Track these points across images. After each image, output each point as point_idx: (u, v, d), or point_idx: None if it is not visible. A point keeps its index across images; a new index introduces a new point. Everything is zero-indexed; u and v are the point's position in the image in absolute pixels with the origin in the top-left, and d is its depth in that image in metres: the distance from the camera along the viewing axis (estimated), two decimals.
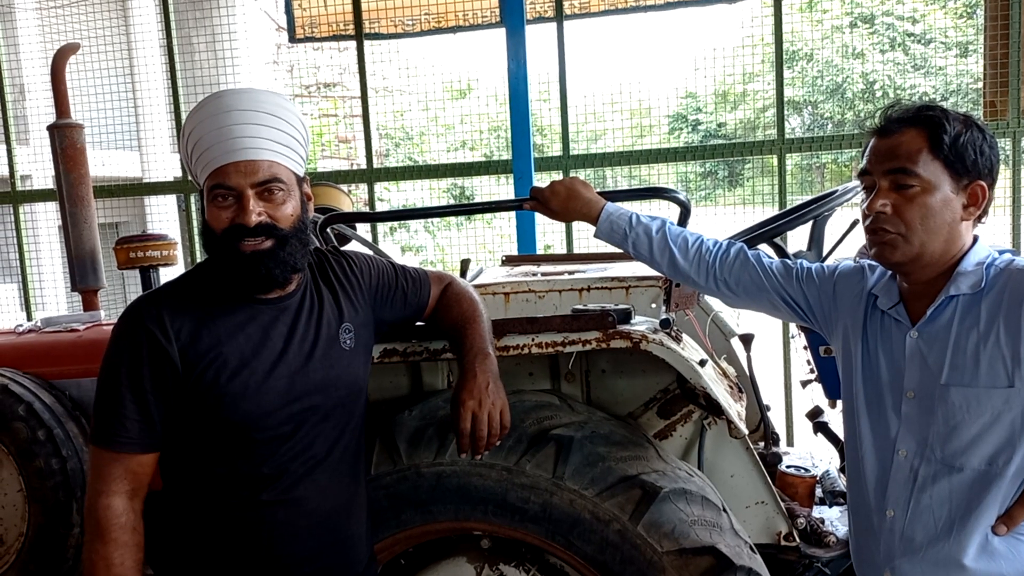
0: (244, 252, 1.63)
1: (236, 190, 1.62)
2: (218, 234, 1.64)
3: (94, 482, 1.64)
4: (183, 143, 1.70)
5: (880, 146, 1.63)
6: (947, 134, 1.56)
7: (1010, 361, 1.54)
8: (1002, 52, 4.36)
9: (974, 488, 1.60)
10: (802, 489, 2.49)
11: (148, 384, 1.62)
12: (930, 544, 1.64)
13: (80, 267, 3.49)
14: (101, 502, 1.61)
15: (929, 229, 1.59)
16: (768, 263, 1.96)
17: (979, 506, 1.59)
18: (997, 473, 1.57)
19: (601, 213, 2.09)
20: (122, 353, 1.63)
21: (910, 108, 1.63)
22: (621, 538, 1.97)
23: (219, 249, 1.65)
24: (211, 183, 1.63)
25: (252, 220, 1.62)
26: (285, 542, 1.71)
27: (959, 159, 1.57)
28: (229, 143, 1.61)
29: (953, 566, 1.62)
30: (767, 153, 4.80)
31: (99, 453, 1.64)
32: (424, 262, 10.23)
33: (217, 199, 1.63)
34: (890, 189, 1.61)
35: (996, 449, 1.57)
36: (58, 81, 3.48)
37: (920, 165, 1.57)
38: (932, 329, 1.64)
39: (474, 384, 1.78)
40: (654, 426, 2.33)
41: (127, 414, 1.61)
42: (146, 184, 7.20)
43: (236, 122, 1.61)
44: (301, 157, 1.73)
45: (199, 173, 1.68)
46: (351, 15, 5.06)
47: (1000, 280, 1.59)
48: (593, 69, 11.52)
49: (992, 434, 1.57)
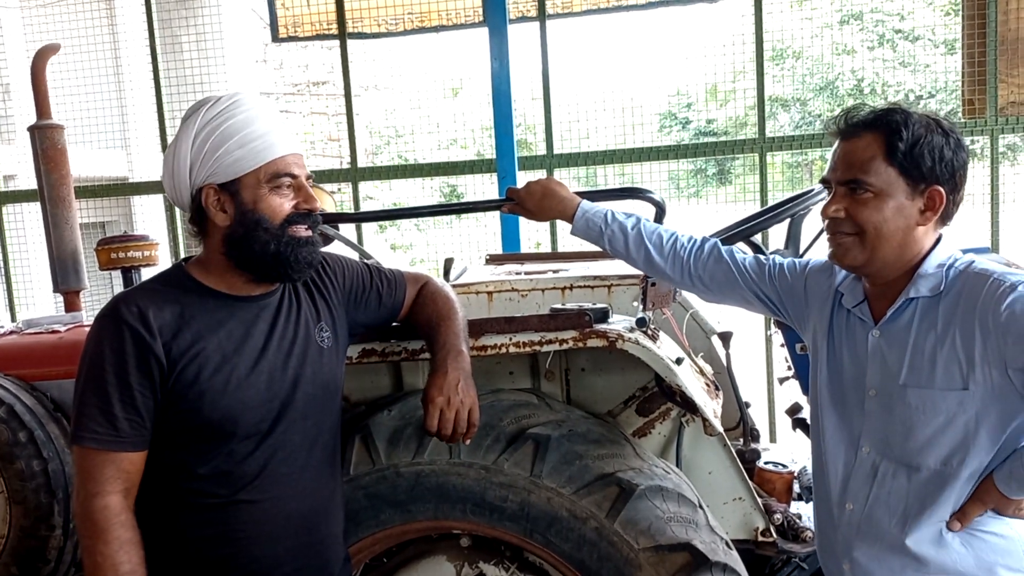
0: (301, 237, 1.71)
1: (299, 178, 1.72)
2: (279, 222, 1.70)
3: (85, 484, 1.60)
4: (193, 144, 1.68)
5: (839, 150, 1.66)
6: (903, 141, 1.57)
7: (965, 364, 1.55)
8: (980, 51, 4.39)
9: (929, 487, 1.62)
10: (780, 485, 2.52)
11: (135, 380, 1.60)
12: (883, 535, 1.67)
13: (62, 268, 3.48)
14: (97, 503, 1.59)
15: (881, 234, 1.61)
16: (741, 259, 1.98)
17: (933, 503, 1.62)
18: (951, 473, 1.60)
19: (576, 211, 2.11)
20: (106, 351, 1.61)
21: (871, 111, 1.64)
22: (598, 535, 1.99)
23: (278, 237, 1.69)
24: (272, 172, 1.68)
25: (317, 205, 1.74)
26: (262, 541, 1.72)
27: (915, 165, 1.58)
28: (282, 134, 1.71)
29: (905, 555, 1.64)
30: (749, 152, 4.84)
31: (88, 454, 1.60)
32: (413, 260, 10.22)
33: (280, 188, 1.70)
34: (844, 195, 1.63)
35: (950, 450, 1.59)
36: (39, 82, 3.46)
37: (872, 173, 1.59)
38: (892, 329, 1.66)
39: (444, 381, 1.80)
40: (633, 424, 2.34)
41: (116, 413, 1.59)
42: (131, 184, 7.18)
43: (277, 118, 1.74)
44: None
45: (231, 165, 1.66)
46: (334, 14, 5.06)
47: (958, 283, 1.60)
48: (582, 68, 11.53)
49: (946, 435, 1.59)
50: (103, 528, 1.58)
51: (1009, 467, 1.56)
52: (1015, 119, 4.43)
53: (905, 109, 1.62)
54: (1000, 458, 1.58)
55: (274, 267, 1.71)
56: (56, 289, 3.53)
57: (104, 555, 1.58)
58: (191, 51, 5.71)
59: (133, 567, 1.60)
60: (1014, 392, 1.52)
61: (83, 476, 1.62)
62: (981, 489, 1.59)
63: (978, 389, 1.55)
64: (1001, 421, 1.55)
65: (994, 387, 1.54)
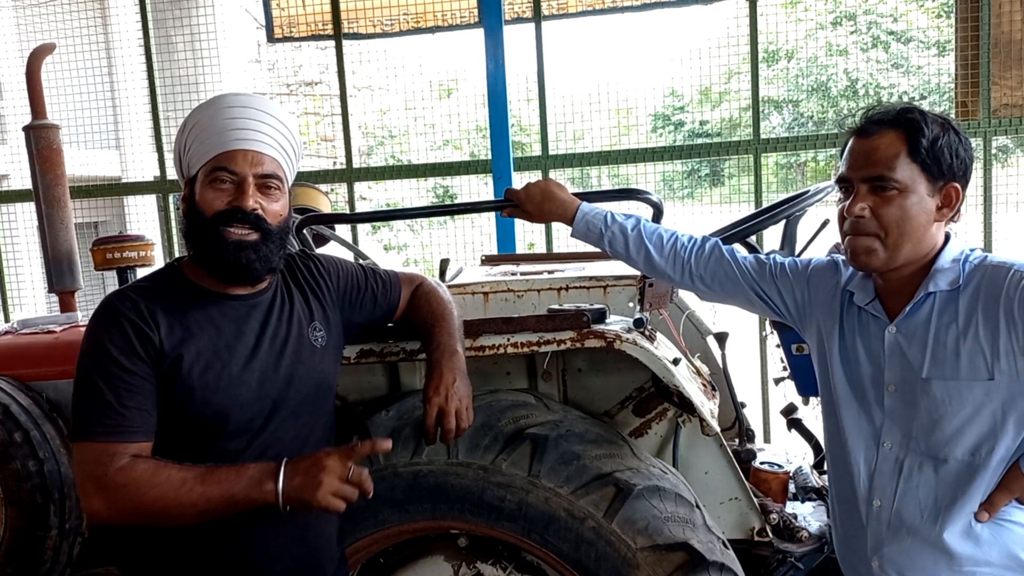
0: (230, 239, 1.65)
1: (239, 176, 1.66)
2: (208, 217, 1.66)
3: (93, 471, 1.53)
4: (183, 137, 1.72)
5: (859, 148, 1.66)
6: (925, 138, 1.59)
7: (989, 355, 1.58)
8: (973, 53, 4.42)
9: (959, 478, 1.63)
10: (775, 485, 2.53)
11: (139, 368, 1.59)
12: (916, 530, 1.68)
13: (57, 268, 3.46)
14: (113, 469, 1.52)
15: (905, 232, 1.62)
16: (742, 258, 1.99)
17: (963, 495, 1.63)
18: (980, 463, 1.61)
19: (576, 213, 2.11)
20: (108, 344, 1.60)
21: (890, 110, 1.65)
22: (596, 535, 1.99)
23: (205, 233, 1.66)
24: (212, 165, 1.66)
25: (249, 204, 1.66)
26: (255, 538, 1.72)
27: (936, 162, 1.60)
28: (239, 132, 1.67)
29: (939, 551, 1.65)
30: (743, 153, 4.86)
31: (92, 447, 1.55)
32: (407, 260, 10.22)
33: (216, 182, 1.66)
34: (868, 192, 1.63)
35: (978, 440, 1.61)
36: (34, 81, 3.45)
37: (898, 169, 1.60)
38: (911, 324, 1.67)
39: (440, 381, 1.82)
40: (630, 424, 2.35)
41: (124, 402, 1.57)
42: (125, 184, 7.16)
43: (248, 116, 1.68)
44: (294, 170, 1.80)
45: (195, 159, 1.69)
46: (330, 15, 5.06)
47: (976, 276, 1.63)
48: (577, 69, 11.55)
49: (974, 426, 1.61)
50: (150, 473, 1.53)
51: None
52: (1008, 121, 4.46)
53: (920, 108, 1.64)
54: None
55: (215, 266, 1.67)
56: (51, 289, 3.51)
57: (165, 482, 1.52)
58: (185, 51, 5.70)
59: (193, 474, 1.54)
60: None
61: (91, 467, 1.55)
62: (1008, 478, 1.61)
63: (1003, 378, 1.57)
64: None
65: (1020, 375, 1.56)
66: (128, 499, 1.54)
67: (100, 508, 1.56)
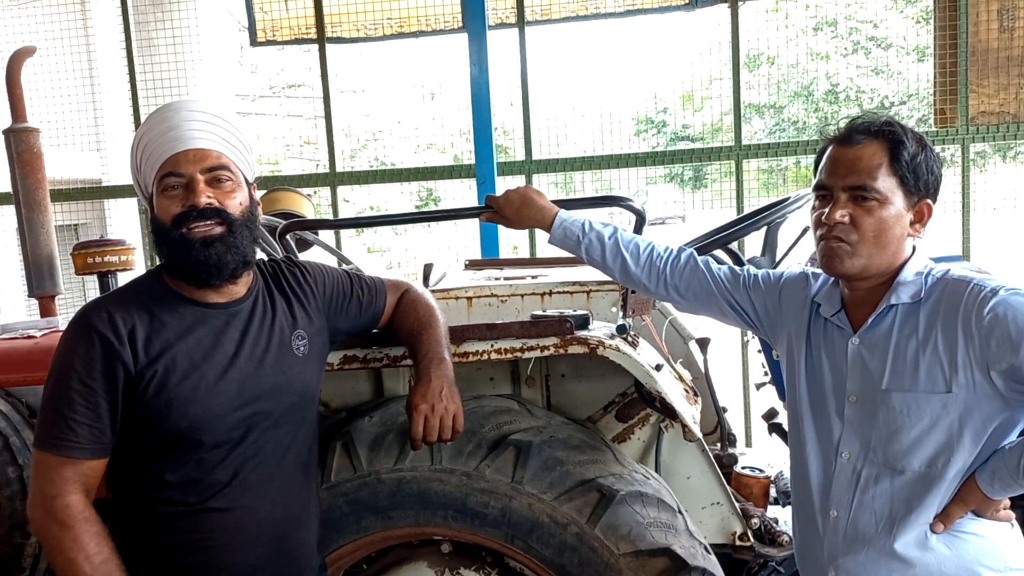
0: (194, 238, 1.65)
1: (186, 176, 1.66)
2: (168, 224, 1.66)
3: (43, 487, 1.60)
4: (135, 158, 1.73)
5: (841, 156, 1.67)
6: (907, 151, 1.62)
7: (947, 367, 1.59)
8: (951, 61, 4.47)
9: (915, 489, 1.65)
10: (757, 489, 2.55)
11: (100, 388, 1.61)
12: (871, 542, 1.69)
13: (37, 273, 3.43)
14: (58, 503, 1.58)
15: (880, 242, 1.64)
16: (717, 270, 2.01)
17: (919, 506, 1.64)
18: (936, 475, 1.63)
19: (554, 220, 2.12)
20: (74, 357, 1.61)
21: (874, 121, 1.67)
22: (579, 541, 2.00)
23: (170, 240, 1.66)
24: (161, 174, 1.67)
25: (202, 201, 1.65)
26: (234, 550, 1.71)
27: (914, 176, 1.63)
28: (179, 135, 1.67)
29: (893, 560, 1.66)
30: (725, 159, 4.89)
31: (47, 458, 1.61)
32: (390, 264, 10.19)
33: (167, 189, 1.67)
34: (848, 201, 1.65)
35: (935, 452, 1.62)
36: (14, 85, 3.42)
37: (879, 180, 1.62)
38: (873, 336, 1.69)
39: (428, 389, 1.81)
40: (613, 429, 2.37)
41: (78, 419, 1.59)
42: (105, 187, 7.09)
43: (186, 119, 1.68)
44: (248, 162, 1.78)
45: (148, 175, 1.70)
46: (313, 19, 5.05)
47: (937, 290, 1.65)
48: (561, 74, 11.57)
49: (931, 438, 1.62)
50: (69, 524, 1.58)
51: (991, 467, 1.60)
52: (985, 128, 4.51)
53: (900, 123, 1.67)
54: (982, 459, 1.62)
55: (188, 270, 1.68)
56: (31, 294, 3.48)
57: (75, 548, 1.58)
58: (166, 53, 5.65)
59: (106, 557, 1.59)
60: (996, 394, 1.57)
61: (41, 479, 1.61)
62: (963, 490, 1.63)
63: (961, 391, 1.59)
64: (983, 422, 1.59)
65: (976, 389, 1.58)
66: (49, 534, 1.61)
67: (32, 518, 1.64)
